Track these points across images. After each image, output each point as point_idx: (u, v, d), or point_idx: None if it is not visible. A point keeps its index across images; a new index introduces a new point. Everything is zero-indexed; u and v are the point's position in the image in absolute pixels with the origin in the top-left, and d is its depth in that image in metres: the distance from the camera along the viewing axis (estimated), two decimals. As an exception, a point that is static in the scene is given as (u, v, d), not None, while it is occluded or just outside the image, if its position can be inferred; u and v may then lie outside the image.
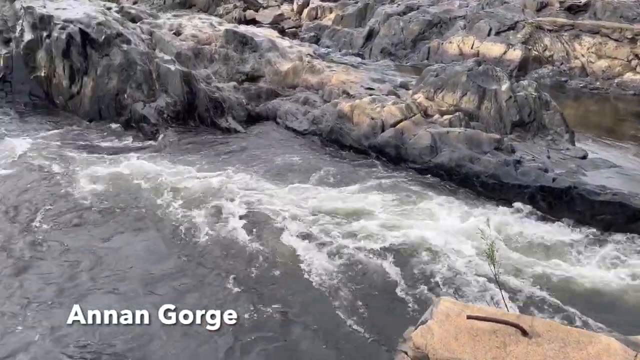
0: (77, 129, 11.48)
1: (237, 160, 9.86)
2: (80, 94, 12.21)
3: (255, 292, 6.10)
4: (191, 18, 18.11)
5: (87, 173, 9.02)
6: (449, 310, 3.38)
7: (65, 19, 12.36)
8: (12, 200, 8.05)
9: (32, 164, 9.35)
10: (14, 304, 5.75)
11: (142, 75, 11.84)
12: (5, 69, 12.88)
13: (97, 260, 6.59)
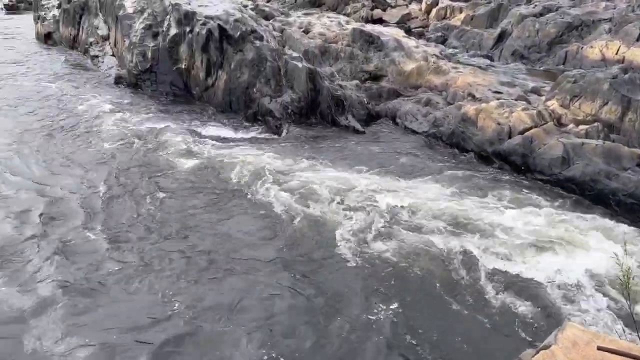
0: (208, 118, 12.28)
1: (356, 158, 9.93)
2: (214, 86, 13.06)
3: (388, 297, 6.07)
4: (320, 16, 18.57)
5: (212, 159, 9.65)
6: (577, 337, 3.11)
7: (207, 15, 13.27)
8: (140, 174, 8.91)
9: (166, 144, 10.22)
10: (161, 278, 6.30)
11: (271, 71, 12.37)
12: (152, 60, 14.14)
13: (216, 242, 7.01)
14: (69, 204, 7.88)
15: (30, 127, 11.25)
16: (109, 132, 11.07)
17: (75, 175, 8.95)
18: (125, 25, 15.36)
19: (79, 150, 10.10)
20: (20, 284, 5.96)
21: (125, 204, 8.00)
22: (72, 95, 13.68)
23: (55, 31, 20.50)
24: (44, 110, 12.38)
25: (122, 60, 15.54)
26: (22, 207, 7.75)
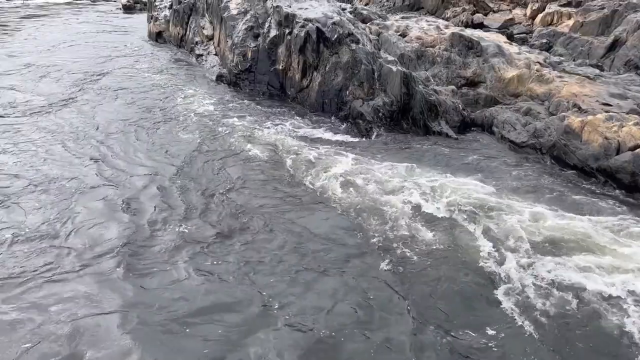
0: (301, 118, 12.52)
1: (448, 165, 9.69)
2: (308, 87, 13.31)
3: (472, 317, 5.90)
4: (418, 20, 18.30)
5: (302, 158, 9.84)
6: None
7: (306, 17, 13.55)
8: (230, 168, 9.24)
9: (259, 141, 10.55)
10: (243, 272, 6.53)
11: (365, 74, 12.38)
12: (251, 60, 14.69)
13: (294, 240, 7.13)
14: (159, 195, 8.29)
15: (132, 116, 12.12)
16: (205, 125, 11.63)
17: (167, 164, 9.45)
18: (229, 26, 16.08)
19: (174, 140, 10.69)
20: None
21: (213, 197, 8.31)
22: (174, 90, 14.54)
23: (165, 30, 21.91)
24: (148, 102, 13.28)
25: (224, 59, 16.30)
26: (101, 195, 8.28)
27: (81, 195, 8.09)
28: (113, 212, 7.65)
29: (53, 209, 7.62)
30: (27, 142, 10.24)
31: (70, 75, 15.91)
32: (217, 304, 5.79)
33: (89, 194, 8.17)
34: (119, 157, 9.76)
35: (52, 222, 7.23)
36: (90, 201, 7.93)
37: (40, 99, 13.22)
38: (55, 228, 7.09)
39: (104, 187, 8.43)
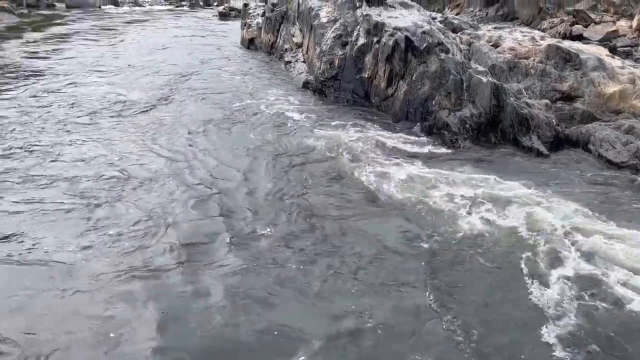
0: (384, 127, 12.44)
1: (539, 183, 9.18)
2: (393, 96, 13.22)
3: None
4: (512, 31, 17.67)
5: (383, 166, 9.77)
6: None
7: (395, 26, 13.49)
8: (307, 172, 9.33)
9: (339, 147, 10.60)
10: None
11: (453, 84, 12.10)
12: (338, 68, 14.83)
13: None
14: (237, 196, 8.51)
15: (219, 117, 12.59)
16: (287, 130, 11.87)
17: (248, 165, 9.70)
18: (318, 34, 16.35)
19: (257, 142, 10.96)
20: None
21: (288, 200, 8.40)
22: (261, 94, 14.99)
23: (257, 37, 22.69)
24: (235, 105, 13.74)
25: (312, 67, 16.58)
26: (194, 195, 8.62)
27: (166, 193, 8.49)
28: (201, 210, 7.91)
29: (149, 203, 8.04)
30: (123, 138, 10.94)
31: (165, 76, 16.88)
32: (298, 316, 5.73)
33: (174, 191, 8.55)
34: (205, 155, 10.16)
35: (150, 217, 7.61)
36: (175, 199, 8.28)
37: (137, 98, 14.11)
38: (153, 224, 7.46)
39: (189, 186, 8.78)
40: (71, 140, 10.63)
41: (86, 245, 6.76)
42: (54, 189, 8.34)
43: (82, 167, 9.28)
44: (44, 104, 13.15)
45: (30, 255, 6.48)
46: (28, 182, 8.52)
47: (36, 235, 6.94)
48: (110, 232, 7.11)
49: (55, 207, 7.76)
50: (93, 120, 11.98)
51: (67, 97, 13.88)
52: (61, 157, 9.70)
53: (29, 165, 9.25)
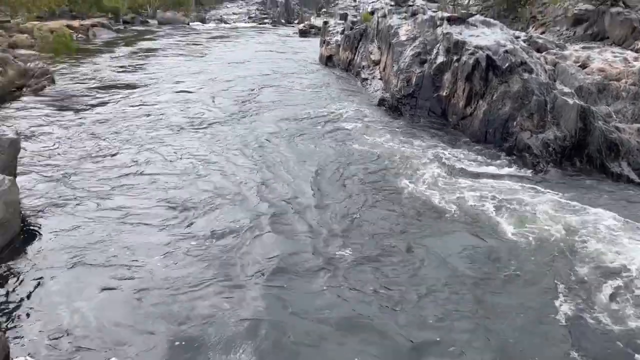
0: (460, 146, 12.17)
1: (625, 214, 8.60)
2: (472, 115, 12.91)
3: None
4: (602, 51, 16.79)
5: (457, 187, 9.53)
6: None
7: (476, 45, 13.22)
8: (377, 189, 9.22)
9: (412, 165, 10.45)
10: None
11: (536, 105, 11.65)
12: (415, 86, 14.72)
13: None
14: (315, 213, 8.56)
15: (293, 132, 12.83)
16: (360, 146, 11.87)
17: (322, 184, 9.73)
18: (397, 51, 16.33)
19: (331, 158, 11.02)
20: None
21: (361, 219, 8.37)
22: (336, 109, 15.12)
23: (335, 54, 23.00)
24: (310, 119, 13.98)
25: (388, 84, 16.57)
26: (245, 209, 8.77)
27: (247, 208, 8.70)
28: (280, 226, 7.99)
29: (231, 216, 8.26)
30: (206, 150, 11.39)
31: (245, 89, 17.45)
32: (377, 346, 5.58)
33: (255, 206, 8.76)
34: (283, 169, 10.35)
35: (225, 233, 7.82)
36: (256, 214, 8.48)
37: (219, 110, 14.69)
38: (234, 237, 7.67)
39: (268, 201, 8.97)
40: (156, 151, 11.19)
41: (169, 251, 7.07)
42: (141, 198, 8.81)
43: (167, 178, 9.74)
44: (131, 115, 13.96)
45: (115, 260, 6.88)
46: (117, 189, 9.07)
47: (122, 241, 7.34)
48: (192, 242, 7.38)
49: (141, 216, 8.19)
50: (176, 132, 12.57)
51: (152, 109, 14.67)
52: (148, 168, 10.20)
53: (118, 175, 9.83)
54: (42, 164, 10.04)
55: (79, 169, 9.84)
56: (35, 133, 11.86)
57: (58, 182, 9.19)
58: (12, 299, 5.94)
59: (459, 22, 15.37)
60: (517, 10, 32.77)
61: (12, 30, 27.69)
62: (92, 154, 10.70)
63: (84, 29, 32.43)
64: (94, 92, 16.52)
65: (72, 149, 10.92)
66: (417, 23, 16.87)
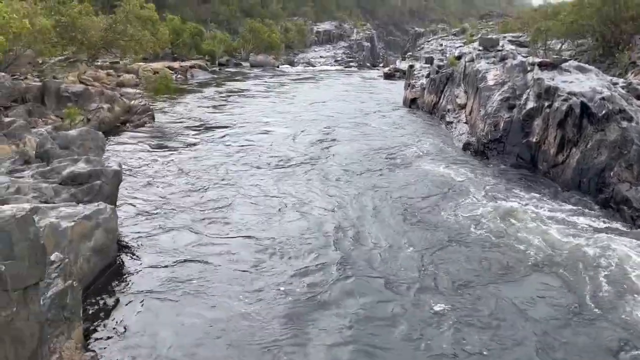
0: (551, 196, 11.62)
1: None
2: (564, 163, 12.34)
3: None
4: None
5: (548, 240, 9.03)
6: None
7: (570, 91, 12.74)
8: (459, 235, 8.92)
9: (499, 213, 10.06)
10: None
11: (637, 156, 10.93)
12: (503, 131, 14.36)
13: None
14: (402, 260, 8.48)
15: (374, 172, 12.86)
16: (442, 190, 11.66)
17: (403, 228, 9.60)
18: (484, 96, 16.10)
19: (412, 201, 10.89)
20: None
21: (442, 266, 8.16)
22: (421, 152, 15.06)
23: (420, 97, 23.07)
24: (391, 160, 13.99)
25: (474, 128, 16.29)
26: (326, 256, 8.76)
27: (326, 250, 8.81)
28: (365, 271, 8.00)
29: (306, 258, 8.41)
30: (291, 186, 11.71)
31: (329, 129, 17.88)
32: None
33: (332, 249, 8.85)
34: (362, 211, 10.39)
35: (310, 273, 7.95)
36: (332, 256, 8.55)
37: (304, 148, 15.12)
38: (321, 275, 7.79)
39: (344, 245, 9.03)
40: (244, 189, 11.65)
41: (256, 288, 7.26)
42: (229, 235, 9.19)
43: (254, 216, 10.10)
44: (222, 153, 14.68)
45: (203, 291, 7.18)
46: (206, 224, 9.52)
47: (210, 274, 7.66)
48: (278, 279, 7.58)
49: (229, 252, 8.52)
50: (262, 170, 13.04)
51: (241, 148, 15.35)
52: (236, 205, 10.59)
53: (208, 209, 10.34)
54: (139, 195, 10.76)
55: (172, 202, 10.44)
56: (134, 165, 12.79)
57: (152, 213, 9.80)
58: (106, 321, 6.33)
59: (551, 67, 14.93)
60: (614, 55, 31.28)
61: (120, 70, 30.44)
62: (184, 189, 11.32)
63: (183, 70, 34.94)
64: (188, 129, 17.63)
65: (167, 183, 11.63)
66: (506, 68, 16.60)
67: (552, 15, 43.65)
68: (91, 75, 25.21)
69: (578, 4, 36.04)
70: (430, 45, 65.74)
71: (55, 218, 6.96)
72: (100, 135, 11.85)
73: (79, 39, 26.69)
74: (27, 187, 8.19)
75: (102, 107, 16.58)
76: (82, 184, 8.70)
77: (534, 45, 37.02)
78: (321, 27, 78.49)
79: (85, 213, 7.41)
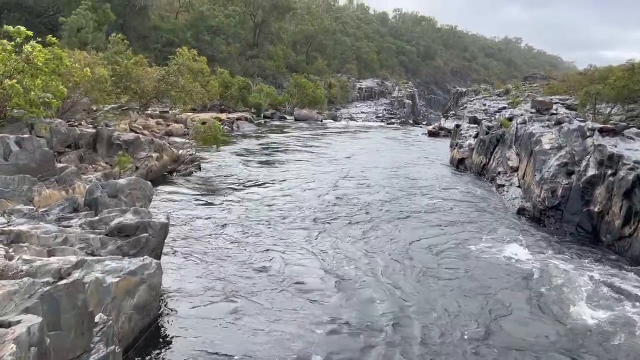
0: (619, 270, 10.73)
1: None
2: (631, 236, 11.47)
3: None
4: None
5: (618, 317, 8.20)
6: None
7: (636, 160, 12.03)
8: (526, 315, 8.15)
9: (563, 288, 9.26)
10: None
11: None
12: (561, 198, 13.63)
13: None
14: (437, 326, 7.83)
15: (420, 235, 12.25)
16: (502, 254, 10.98)
17: (440, 294, 8.97)
18: (539, 159, 15.48)
19: (457, 271, 10.20)
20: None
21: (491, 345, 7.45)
22: (472, 215, 14.40)
23: (468, 157, 22.52)
24: (441, 224, 13.35)
25: (528, 192, 15.58)
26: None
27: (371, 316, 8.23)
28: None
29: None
30: (321, 249, 11.25)
31: (371, 189, 17.41)
32: None
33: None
34: (395, 280, 9.80)
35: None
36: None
37: (344, 205, 14.71)
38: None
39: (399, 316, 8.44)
40: (282, 244, 11.29)
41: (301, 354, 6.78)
42: (268, 291, 8.77)
43: (298, 274, 9.69)
44: (264, 207, 14.40)
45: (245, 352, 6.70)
46: (250, 282, 9.12)
47: (241, 337, 7.21)
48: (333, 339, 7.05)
49: (268, 309, 8.07)
50: (301, 225, 12.68)
51: (281, 202, 15.10)
52: (274, 262, 10.24)
53: (250, 267, 9.98)
54: (184, 248, 10.49)
55: (215, 257, 10.12)
56: (179, 217, 12.62)
57: (195, 269, 9.48)
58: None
59: (612, 133, 14.29)
60: (669, 121, 30.18)
61: (169, 119, 31.23)
62: (227, 244, 11.01)
63: (230, 121, 35.61)
64: (233, 181, 17.53)
65: (210, 236, 11.35)
66: (562, 132, 16.02)
67: (600, 79, 42.96)
68: (141, 123, 25.89)
69: (630, 69, 35.37)
70: (474, 105, 65.43)
71: (101, 273, 6.69)
72: (149, 184, 11.79)
73: (132, 88, 27.62)
74: (74, 237, 8.02)
75: (151, 155, 16.75)
76: (129, 236, 8.47)
77: (582, 109, 36.26)
78: (363, 84, 79.50)
79: (131, 268, 7.13)
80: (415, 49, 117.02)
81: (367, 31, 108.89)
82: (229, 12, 68.32)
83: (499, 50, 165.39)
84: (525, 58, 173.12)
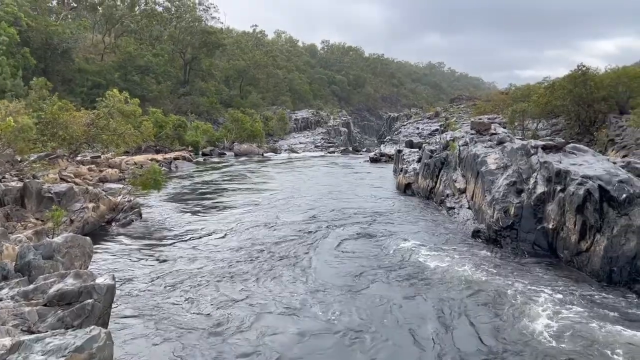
0: (578, 287, 10.77)
1: None
2: (589, 251, 11.60)
3: None
4: None
5: (585, 340, 8.07)
6: None
7: (584, 175, 12.28)
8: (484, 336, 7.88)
9: (523, 308, 9.09)
10: None
11: (669, 241, 10.30)
12: (514, 217, 13.71)
13: None
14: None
15: (378, 268, 11.81)
16: (463, 280, 10.77)
17: (413, 323, 8.60)
18: (487, 180, 15.62)
19: (428, 304, 9.88)
20: None
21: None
22: (426, 241, 14.23)
23: (414, 182, 22.60)
24: (396, 254, 12.99)
25: (479, 214, 15.65)
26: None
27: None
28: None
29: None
30: (277, 296, 10.63)
31: (318, 221, 16.92)
32: None
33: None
34: (353, 317, 9.34)
35: None
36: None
37: (285, 242, 14.15)
38: None
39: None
40: (229, 298, 10.58)
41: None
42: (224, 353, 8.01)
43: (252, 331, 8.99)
44: (210, 255, 13.62)
45: None
46: (209, 346, 8.32)
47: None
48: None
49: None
50: (257, 273, 12.01)
51: (226, 250, 14.32)
52: (227, 320, 9.55)
53: (205, 327, 9.18)
54: (133, 309, 9.52)
55: (168, 315, 9.23)
56: (124, 274, 11.55)
57: (146, 331, 8.58)
58: None
59: (555, 150, 14.66)
60: (591, 133, 31.86)
61: (102, 165, 29.59)
62: (176, 299, 10.12)
63: (167, 161, 34.29)
64: (176, 229, 16.40)
65: (158, 294, 10.38)
66: (506, 151, 16.31)
67: (523, 97, 45.21)
68: (72, 171, 24.28)
69: (550, 86, 37.41)
70: (407, 129, 67.18)
71: (42, 354, 5.78)
72: (88, 240, 10.77)
73: (60, 134, 26.04)
74: (6, 312, 6.99)
75: (86, 206, 15.51)
76: (71, 303, 7.50)
77: (511, 126, 37.83)
78: (299, 115, 79.94)
79: (77, 343, 6.21)
80: (346, 78, 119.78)
81: (297, 63, 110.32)
82: (157, 51, 67.02)
83: (424, 75, 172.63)
84: (450, 81, 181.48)
